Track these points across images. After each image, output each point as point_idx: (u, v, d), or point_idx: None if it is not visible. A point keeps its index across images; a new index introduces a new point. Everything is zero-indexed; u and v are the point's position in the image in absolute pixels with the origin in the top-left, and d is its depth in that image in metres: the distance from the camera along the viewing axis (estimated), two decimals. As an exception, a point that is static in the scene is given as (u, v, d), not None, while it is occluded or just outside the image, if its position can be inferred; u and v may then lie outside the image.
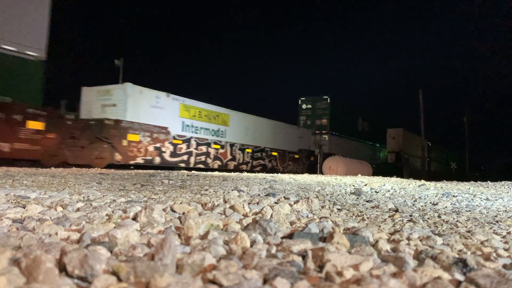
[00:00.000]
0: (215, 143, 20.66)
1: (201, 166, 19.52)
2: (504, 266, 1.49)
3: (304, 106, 34.72)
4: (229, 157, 21.44)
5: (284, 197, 4.01)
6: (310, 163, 28.51)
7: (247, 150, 22.82)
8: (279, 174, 15.09)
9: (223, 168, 20.53)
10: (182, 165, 18.32)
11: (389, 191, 6.61)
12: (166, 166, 17.10)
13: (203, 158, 19.71)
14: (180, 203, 2.81)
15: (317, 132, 31.72)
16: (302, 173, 23.80)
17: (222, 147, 21.08)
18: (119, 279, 1.09)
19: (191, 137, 19.09)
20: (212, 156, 20.27)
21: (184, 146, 18.62)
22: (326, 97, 33.72)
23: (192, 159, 19.06)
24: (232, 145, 21.68)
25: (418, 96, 32.26)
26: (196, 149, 19.33)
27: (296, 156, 27.09)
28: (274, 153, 24.99)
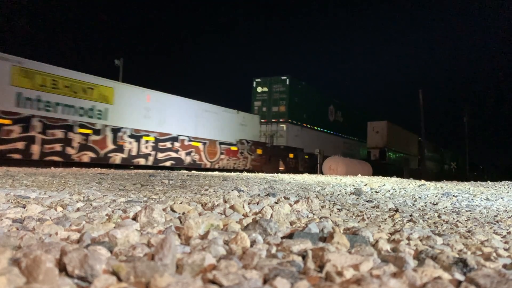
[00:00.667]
0: (83, 126, 14.71)
1: (54, 158, 13.93)
2: (504, 266, 1.49)
3: (259, 89, 27.41)
4: (111, 147, 15.66)
5: (284, 197, 4.01)
6: (259, 158, 22.82)
7: (146, 138, 16.96)
8: (279, 174, 15.08)
9: (101, 162, 15.17)
10: (16, 156, 13.02)
11: (389, 191, 6.61)
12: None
13: (57, 147, 13.95)
14: (180, 203, 2.81)
15: (273, 120, 26.29)
16: (244, 169, 20.72)
17: (97, 132, 15.18)
18: (119, 279, 1.09)
19: (33, 116, 13.35)
20: (76, 144, 14.46)
21: (17, 128, 13.02)
22: (285, 77, 26.74)
23: (36, 148, 13.40)
24: (117, 130, 15.78)
25: (418, 96, 31.99)
26: (43, 133, 13.59)
27: (234, 148, 21.26)
28: (196, 144, 19.19)
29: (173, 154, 18.29)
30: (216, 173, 12.76)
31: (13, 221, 2.03)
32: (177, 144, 18.38)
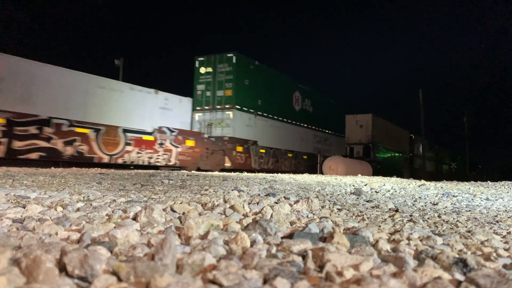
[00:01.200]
0: None
1: None
2: (504, 266, 1.49)
3: (202, 70, 22.02)
4: None
5: (284, 197, 4.01)
6: (191, 152, 18.60)
7: None
8: (279, 174, 15.06)
9: None
10: None
11: (389, 191, 6.61)
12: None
13: None
14: (180, 203, 2.81)
15: (218, 107, 21.41)
16: (166, 165, 17.51)
17: None
18: (119, 279, 1.09)
19: None
20: None
21: None
22: (231, 54, 21.64)
23: None
24: None
25: (418, 96, 31.89)
26: None
27: (149, 138, 16.90)
28: (83, 130, 14.71)
29: (43, 143, 13.64)
30: (216, 173, 12.76)
31: (13, 221, 2.03)
32: (49, 130, 13.66)
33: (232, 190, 4.94)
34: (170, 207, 2.49)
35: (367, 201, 4.63)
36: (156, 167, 14.05)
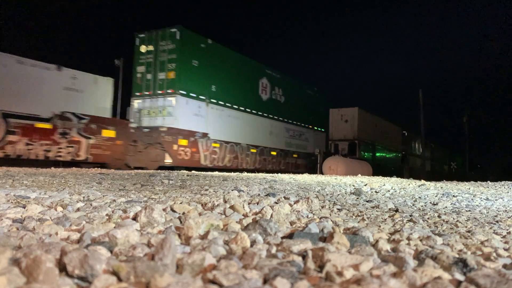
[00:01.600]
0: None
1: None
2: (504, 266, 1.49)
3: (143, 49, 18.58)
4: None
5: (284, 197, 4.01)
6: (110, 145, 15.04)
7: None
8: (279, 174, 15.05)
9: None
10: None
11: (389, 191, 6.61)
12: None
13: None
14: (180, 203, 2.81)
15: (159, 92, 17.74)
16: (73, 160, 14.04)
17: None
18: (119, 279, 1.09)
19: None
20: None
21: None
22: (174, 29, 17.93)
23: None
24: None
25: (418, 96, 31.79)
26: None
27: (45, 125, 13.38)
28: None
29: None
30: (216, 173, 12.76)
31: (13, 221, 2.03)
32: None
33: (232, 190, 4.94)
34: (170, 207, 2.49)
35: (367, 201, 4.64)
36: (58, 163, 12.13)
